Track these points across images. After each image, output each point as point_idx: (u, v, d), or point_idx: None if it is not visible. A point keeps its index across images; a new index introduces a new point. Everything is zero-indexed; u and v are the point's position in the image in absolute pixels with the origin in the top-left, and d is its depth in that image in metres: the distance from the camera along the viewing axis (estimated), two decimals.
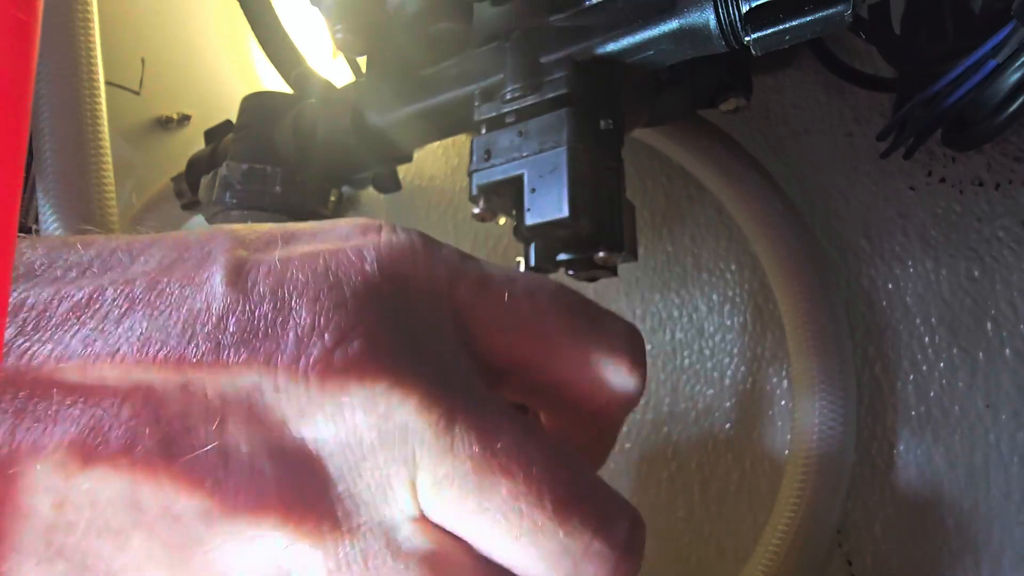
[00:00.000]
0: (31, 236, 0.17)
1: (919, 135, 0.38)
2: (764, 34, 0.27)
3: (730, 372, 0.47)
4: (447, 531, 0.16)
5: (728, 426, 0.47)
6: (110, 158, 0.43)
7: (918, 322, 0.42)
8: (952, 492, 0.40)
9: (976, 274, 0.41)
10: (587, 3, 0.32)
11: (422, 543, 0.16)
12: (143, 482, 0.14)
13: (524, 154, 0.30)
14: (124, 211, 0.54)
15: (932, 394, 0.41)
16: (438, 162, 0.64)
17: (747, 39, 0.27)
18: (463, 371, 0.17)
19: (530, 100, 0.31)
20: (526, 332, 0.19)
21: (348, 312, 0.16)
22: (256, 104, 0.45)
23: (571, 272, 0.33)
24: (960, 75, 0.33)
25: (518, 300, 0.19)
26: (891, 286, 0.43)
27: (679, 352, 0.49)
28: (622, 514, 0.17)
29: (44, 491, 0.14)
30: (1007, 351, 0.39)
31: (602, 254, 0.31)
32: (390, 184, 0.49)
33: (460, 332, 0.18)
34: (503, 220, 0.33)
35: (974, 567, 0.39)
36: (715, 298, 0.49)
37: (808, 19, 0.26)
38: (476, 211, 0.32)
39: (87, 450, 0.14)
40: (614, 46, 0.31)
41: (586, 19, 0.31)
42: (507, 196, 0.31)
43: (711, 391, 0.48)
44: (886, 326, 0.43)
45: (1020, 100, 0.34)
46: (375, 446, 0.16)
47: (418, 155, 0.47)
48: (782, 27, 0.26)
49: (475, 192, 0.32)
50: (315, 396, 0.15)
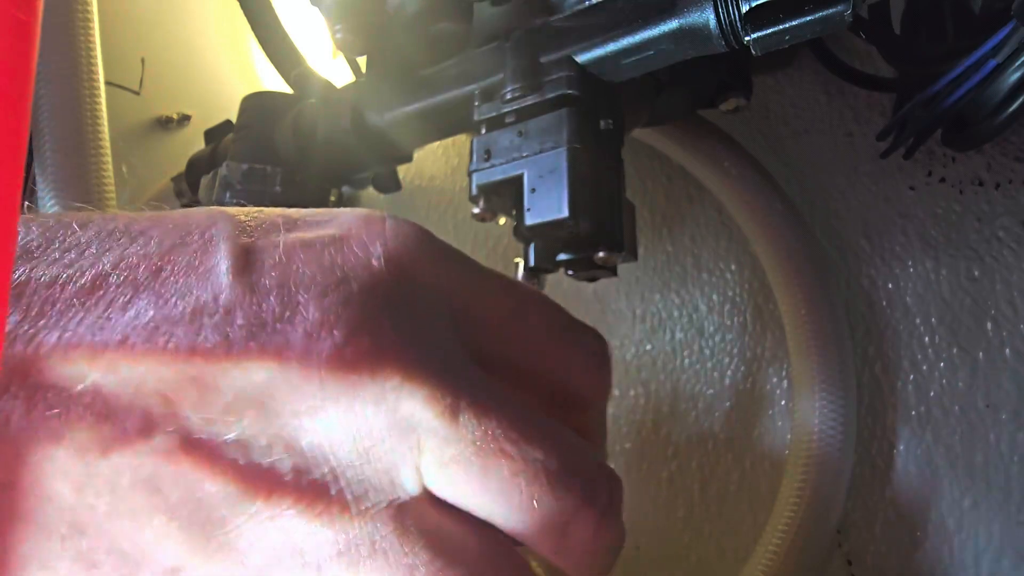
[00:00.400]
0: (24, 214, 0.17)
1: (919, 135, 0.38)
2: (764, 34, 0.27)
3: (730, 372, 0.47)
4: (450, 508, 0.17)
5: (728, 426, 0.47)
6: (110, 158, 0.43)
7: (918, 322, 0.42)
8: (952, 492, 0.40)
9: (976, 274, 0.41)
10: (587, 3, 0.32)
11: (427, 524, 0.17)
12: (165, 469, 0.15)
13: (524, 154, 0.30)
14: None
15: (932, 394, 0.41)
16: (438, 162, 0.64)
17: (747, 39, 0.27)
18: (464, 362, 0.18)
19: (530, 100, 0.31)
20: (515, 330, 0.20)
21: (356, 307, 0.16)
22: (256, 104, 0.45)
23: (571, 272, 0.33)
24: (960, 75, 0.33)
25: (509, 301, 0.20)
26: (891, 286, 0.43)
27: (679, 352, 0.49)
28: (603, 480, 0.19)
29: (64, 475, 0.14)
30: (1007, 351, 0.39)
31: (602, 254, 0.31)
32: (390, 184, 0.49)
33: (457, 326, 0.19)
34: (503, 220, 0.33)
35: (974, 567, 0.39)
36: (715, 298, 0.49)
37: (808, 19, 0.26)
38: (476, 211, 0.32)
39: (106, 437, 0.15)
40: (614, 46, 0.31)
41: (586, 19, 0.31)
42: (507, 196, 0.31)
43: (711, 391, 0.48)
44: (886, 326, 0.43)
45: (1020, 100, 0.34)
46: (384, 435, 0.16)
47: (418, 155, 0.47)
48: (782, 27, 0.26)
49: (475, 192, 0.32)
50: (329, 391, 0.16)
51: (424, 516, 0.17)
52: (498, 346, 0.20)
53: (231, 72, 0.68)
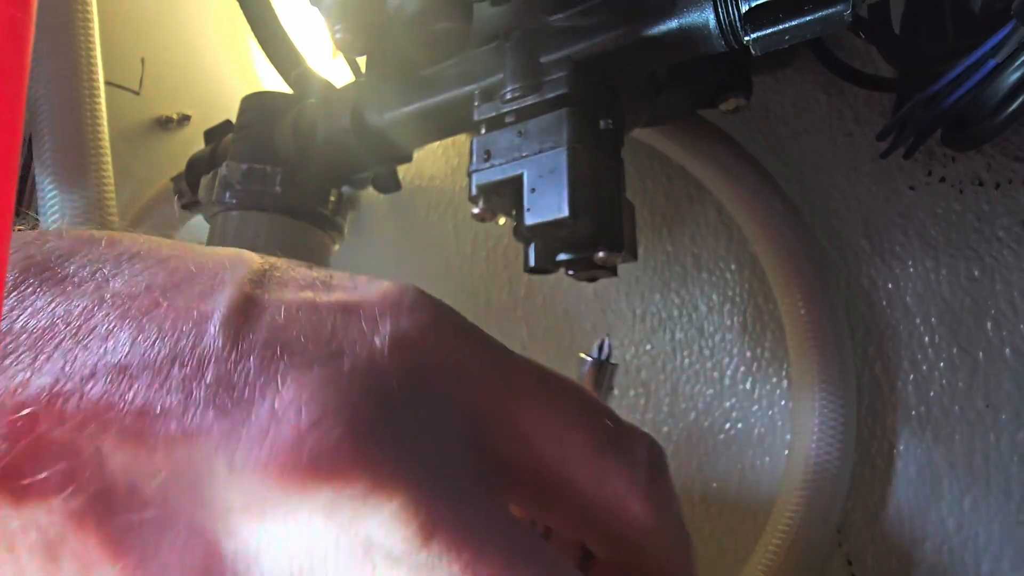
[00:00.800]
0: (58, 230, 0.17)
1: (919, 135, 0.38)
2: (764, 34, 0.27)
3: (730, 372, 0.47)
4: None
5: (728, 426, 0.47)
6: (110, 158, 0.43)
7: (918, 322, 0.42)
8: (952, 492, 0.40)
9: (976, 274, 0.41)
10: (587, 3, 0.32)
11: None
12: (70, 536, 0.13)
13: (524, 154, 0.30)
14: (124, 211, 0.54)
15: (932, 394, 0.41)
16: (438, 162, 0.64)
17: (747, 39, 0.27)
18: (463, 474, 0.15)
19: (530, 100, 0.31)
20: (547, 435, 0.17)
21: (337, 389, 0.14)
22: (256, 104, 0.45)
23: (571, 272, 0.33)
24: (960, 75, 0.33)
25: (543, 400, 0.17)
26: (891, 286, 0.43)
27: (679, 352, 0.49)
28: None
29: None
30: (1007, 351, 0.39)
31: (602, 254, 0.31)
32: (390, 184, 0.49)
33: (474, 431, 0.16)
34: (503, 220, 0.33)
35: (975, 567, 0.39)
36: (715, 298, 0.48)
37: (808, 19, 0.26)
38: (476, 211, 0.32)
39: (25, 483, 0.13)
40: (614, 46, 0.31)
41: (586, 19, 0.31)
42: (507, 196, 0.31)
43: (711, 391, 0.48)
44: (886, 326, 0.43)
45: (1020, 100, 0.34)
46: (327, 559, 0.13)
47: (418, 155, 0.47)
48: (781, 27, 0.26)
49: (475, 192, 0.32)
50: (270, 489, 0.13)
51: None
52: (525, 456, 0.17)
53: (231, 72, 0.68)
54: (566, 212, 0.28)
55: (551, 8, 0.32)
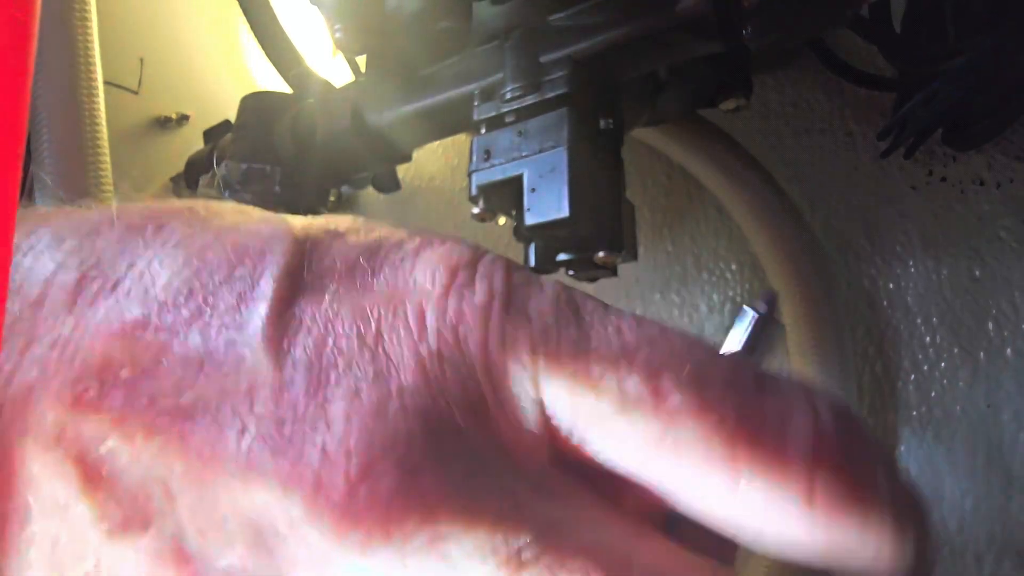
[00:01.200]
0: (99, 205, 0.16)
1: (919, 134, 0.38)
2: (764, 33, 0.27)
3: None
4: None
5: None
6: (108, 158, 0.43)
7: (919, 322, 0.42)
8: (954, 492, 0.40)
9: (977, 274, 0.40)
10: (587, 2, 0.31)
11: None
12: (155, 572, 0.12)
13: (524, 154, 0.30)
14: None
15: (933, 394, 0.41)
16: (438, 162, 0.63)
17: (747, 38, 0.27)
18: (536, 499, 0.13)
19: (530, 100, 0.31)
20: (654, 454, 0.13)
21: (387, 424, 0.12)
22: (255, 104, 0.45)
23: (571, 272, 0.33)
24: (960, 74, 0.33)
25: (647, 405, 0.13)
26: (892, 286, 0.43)
27: None
28: None
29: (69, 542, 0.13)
30: (1008, 351, 0.39)
31: (602, 254, 0.31)
32: (390, 184, 0.49)
33: (544, 442, 0.14)
34: (503, 220, 0.33)
35: (976, 567, 0.39)
36: (715, 298, 0.48)
37: (808, 18, 0.26)
38: (476, 211, 0.32)
39: (114, 517, 0.12)
40: (614, 45, 0.30)
41: (585, 18, 0.31)
42: (507, 196, 0.31)
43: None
44: (887, 326, 0.43)
45: (1020, 99, 0.34)
46: None
47: (418, 155, 0.47)
48: (783, 26, 0.26)
49: (475, 192, 0.32)
50: (331, 542, 0.12)
51: None
52: (622, 472, 0.13)
53: (230, 72, 0.67)
54: (566, 212, 0.28)
55: (551, 7, 0.32)
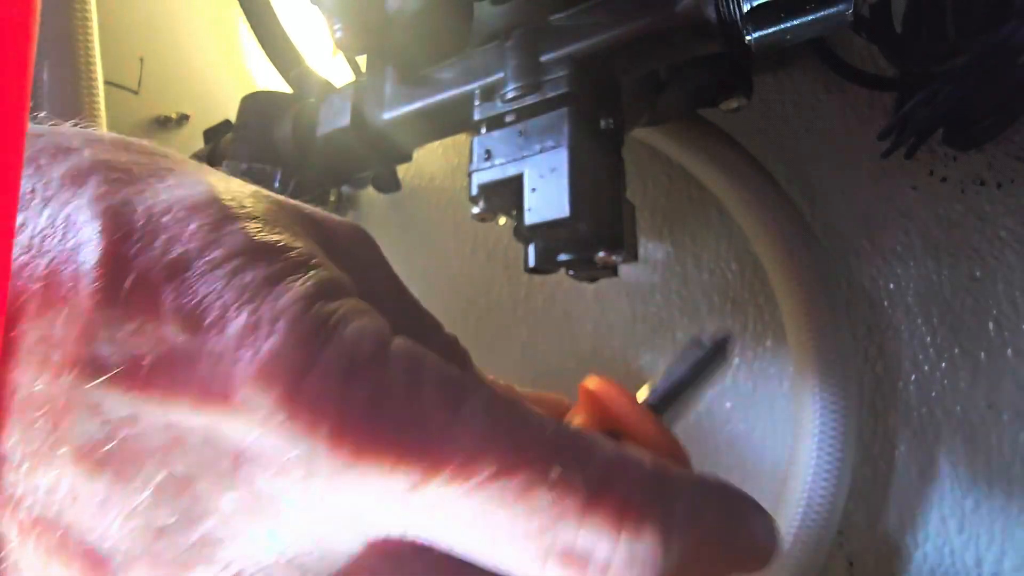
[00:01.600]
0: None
1: (920, 134, 0.38)
2: (765, 33, 0.27)
3: (731, 373, 0.47)
4: None
5: (729, 427, 0.47)
6: None
7: (919, 322, 0.42)
8: (954, 493, 0.40)
9: (978, 274, 0.40)
10: (588, 2, 0.31)
11: None
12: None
13: (524, 154, 0.30)
14: None
15: (934, 394, 0.41)
16: (438, 162, 0.63)
17: (748, 38, 0.27)
18: None
19: (530, 99, 0.31)
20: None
21: None
22: (255, 104, 0.45)
23: (571, 272, 0.33)
24: (961, 74, 0.33)
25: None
26: (892, 286, 0.43)
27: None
28: None
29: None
30: (1009, 351, 0.39)
31: (602, 254, 0.31)
32: (390, 184, 0.49)
33: None
34: (503, 220, 0.33)
35: (976, 569, 0.39)
36: (716, 299, 0.48)
37: (809, 18, 0.26)
38: (476, 211, 0.32)
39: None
40: (614, 45, 0.30)
41: (586, 18, 0.31)
42: (507, 196, 0.31)
43: (712, 392, 0.48)
44: (887, 326, 0.43)
45: (1021, 99, 0.34)
46: None
47: (418, 155, 0.47)
48: (783, 26, 0.26)
49: (475, 192, 0.32)
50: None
51: None
52: None
53: (230, 72, 0.67)
54: (567, 212, 0.28)
55: (552, 7, 0.32)
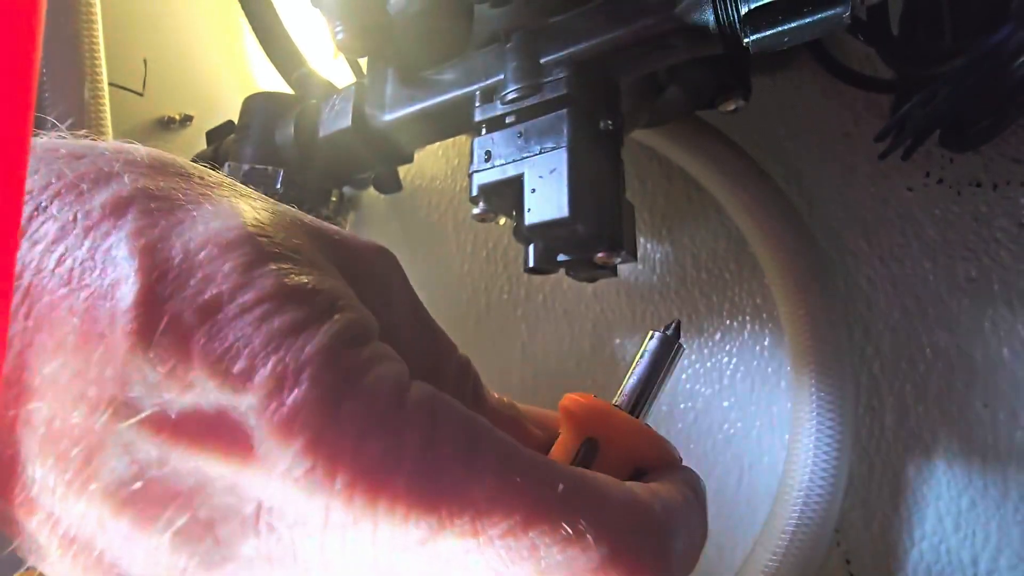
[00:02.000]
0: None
1: (917, 136, 0.38)
2: (763, 35, 0.27)
3: (728, 372, 0.47)
4: None
5: (727, 426, 0.47)
6: None
7: (916, 322, 0.42)
8: (950, 491, 0.40)
9: (974, 274, 0.41)
10: (587, 4, 0.32)
11: None
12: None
13: (524, 155, 0.30)
14: None
15: (930, 394, 0.41)
16: (439, 162, 0.64)
17: (746, 40, 0.27)
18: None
19: (530, 101, 0.31)
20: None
21: None
22: (258, 105, 0.46)
23: (571, 273, 0.33)
24: (958, 76, 0.34)
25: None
26: (889, 286, 0.43)
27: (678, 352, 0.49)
28: None
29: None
30: (1005, 351, 0.39)
31: (602, 254, 0.31)
32: (391, 184, 0.50)
33: None
34: (503, 220, 0.33)
35: (972, 566, 0.39)
36: (714, 298, 0.49)
37: (807, 21, 0.26)
38: (476, 211, 0.32)
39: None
40: (614, 47, 0.31)
41: (585, 21, 0.32)
42: (507, 196, 0.32)
43: (709, 391, 0.48)
44: (884, 326, 0.43)
45: (1018, 101, 0.35)
46: None
47: (419, 155, 0.47)
48: (781, 29, 0.27)
49: (475, 193, 0.32)
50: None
51: None
52: None
53: (233, 74, 0.68)
54: (566, 212, 0.29)
55: (551, 9, 0.33)
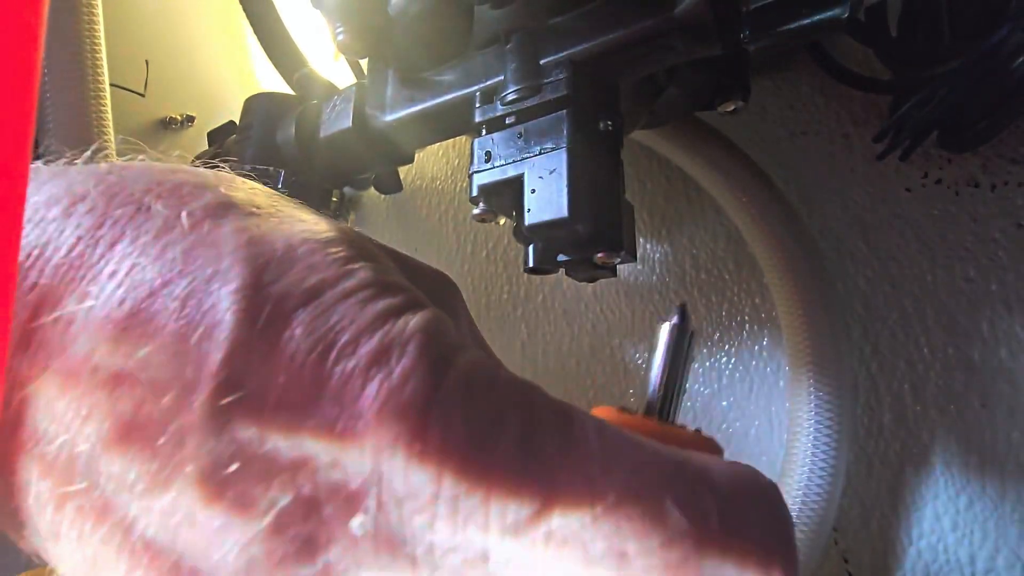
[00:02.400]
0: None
1: (915, 137, 0.38)
2: (762, 36, 0.27)
3: (727, 371, 0.48)
4: None
5: (725, 426, 0.47)
6: (115, 160, 0.43)
7: (914, 322, 0.42)
8: (948, 491, 0.40)
9: (972, 275, 0.41)
10: (587, 5, 0.32)
11: None
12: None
13: (524, 155, 0.31)
14: None
15: (928, 393, 0.41)
16: (439, 163, 0.64)
17: (745, 41, 0.27)
18: None
19: (530, 102, 0.31)
20: None
21: None
22: (259, 105, 0.46)
23: (571, 273, 0.34)
24: (956, 77, 0.34)
25: None
26: (887, 286, 0.43)
27: None
28: None
29: None
30: (1003, 351, 0.40)
31: (601, 255, 0.31)
32: (392, 185, 0.50)
33: None
34: (503, 220, 0.33)
35: (970, 566, 0.39)
36: (713, 298, 0.49)
37: (806, 22, 0.26)
38: (476, 212, 0.32)
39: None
40: (613, 48, 0.31)
41: (585, 21, 0.32)
42: (507, 197, 0.32)
43: (708, 391, 0.48)
44: (883, 326, 0.43)
45: (1016, 102, 0.35)
46: None
47: (419, 156, 0.48)
48: (780, 30, 0.27)
49: (475, 193, 0.32)
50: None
51: None
52: None
53: (234, 74, 0.68)
54: (566, 213, 0.29)
55: (551, 10, 0.33)
